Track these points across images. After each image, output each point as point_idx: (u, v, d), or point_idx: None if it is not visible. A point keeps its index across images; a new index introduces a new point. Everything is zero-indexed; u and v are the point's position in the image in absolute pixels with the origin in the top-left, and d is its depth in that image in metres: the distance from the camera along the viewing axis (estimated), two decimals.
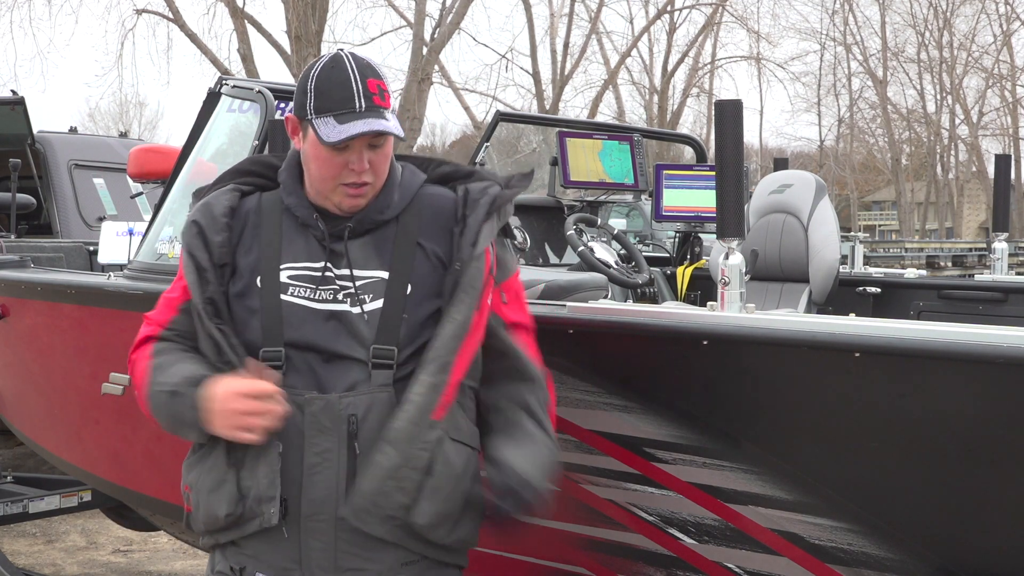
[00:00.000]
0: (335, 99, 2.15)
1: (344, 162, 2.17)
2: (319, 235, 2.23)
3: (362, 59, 2.21)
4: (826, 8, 39.82)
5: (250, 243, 2.25)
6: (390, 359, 2.16)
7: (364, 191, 2.20)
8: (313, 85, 2.18)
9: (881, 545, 2.42)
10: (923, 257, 23.82)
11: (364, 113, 2.15)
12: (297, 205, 2.25)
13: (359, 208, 2.22)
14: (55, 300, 4.58)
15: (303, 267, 2.21)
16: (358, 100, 2.15)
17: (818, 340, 2.34)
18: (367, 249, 2.22)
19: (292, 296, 2.19)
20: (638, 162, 5.12)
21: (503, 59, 29.41)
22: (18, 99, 7.93)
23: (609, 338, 2.68)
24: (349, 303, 2.18)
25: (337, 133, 2.13)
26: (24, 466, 6.80)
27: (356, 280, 2.19)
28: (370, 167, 2.19)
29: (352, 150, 2.16)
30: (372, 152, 2.19)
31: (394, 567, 2.17)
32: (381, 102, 2.17)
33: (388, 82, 2.23)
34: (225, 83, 4.10)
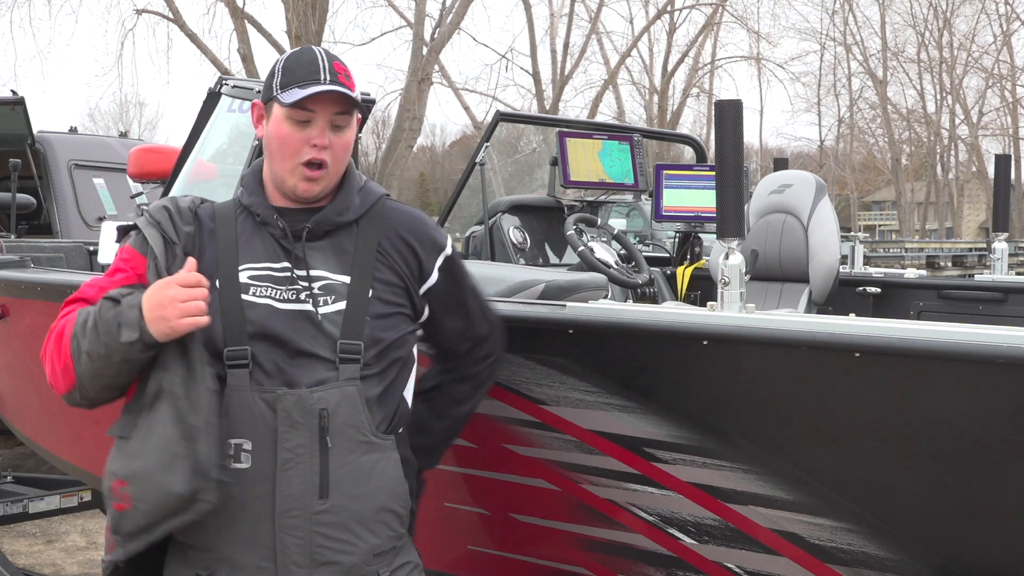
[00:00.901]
0: (301, 73, 2.22)
1: (306, 138, 2.21)
2: (277, 233, 2.25)
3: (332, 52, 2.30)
4: (826, 8, 39.88)
5: (204, 246, 2.28)
6: (356, 353, 2.19)
7: (320, 175, 2.23)
8: (280, 66, 2.26)
9: (881, 545, 2.42)
10: (923, 257, 23.84)
11: (329, 82, 2.20)
12: (258, 204, 2.29)
13: (313, 194, 2.25)
14: (55, 300, 4.58)
15: (263, 267, 2.24)
16: (323, 73, 2.21)
17: (818, 340, 2.34)
18: (326, 252, 2.26)
19: (254, 296, 2.21)
20: (638, 162, 5.12)
21: (503, 59, 29.49)
22: (18, 99, 7.93)
23: (609, 338, 2.68)
24: (311, 303, 2.21)
25: (297, 94, 2.18)
26: (24, 466, 6.80)
27: (314, 281, 2.22)
28: (330, 149, 2.22)
29: (314, 124, 2.21)
30: (334, 133, 2.23)
31: (367, 558, 2.21)
32: (346, 80, 2.23)
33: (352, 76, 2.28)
34: (225, 83, 4.10)
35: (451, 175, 36.47)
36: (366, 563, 2.21)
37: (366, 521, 2.21)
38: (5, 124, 7.91)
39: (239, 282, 2.21)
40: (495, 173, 6.19)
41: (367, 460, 2.21)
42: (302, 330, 2.19)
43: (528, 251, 4.96)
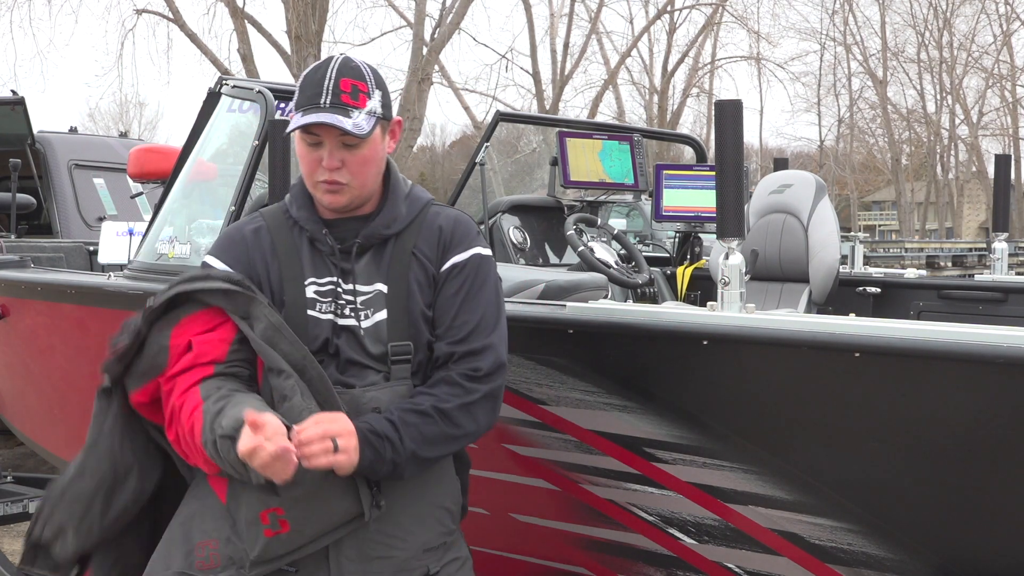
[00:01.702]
0: (306, 95, 2.21)
1: (318, 158, 2.22)
2: (326, 250, 2.28)
3: (352, 62, 2.26)
4: (826, 8, 39.85)
5: (268, 265, 2.29)
6: (407, 354, 2.23)
7: (340, 189, 2.24)
8: (298, 85, 2.26)
9: (881, 545, 2.42)
10: (923, 257, 23.82)
11: (326, 108, 2.19)
12: (306, 219, 2.30)
13: (339, 205, 2.26)
14: (55, 300, 4.58)
15: (327, 283, 2.27)
16: (324, 96, 2.19)
17: (818, 340, 2.34)
18: (369, 265, 2.29)
19: (319, 312, 2.24)
20: (638, 162, 5.12)
21: (503, 59, 29.48)
22: (18, 99, 7.93)
23: (609, 338, 2.68)
24: (354, 318, 2.25)
25: (294, 124, 2.20)
26: (24, 466, 6.79)
27: (359, 295, 2.25)
28: (345, 167, 2.22)
29: (323, 147, 2.22)
30: (346, 152, 2.22)
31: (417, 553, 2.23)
32: (350, 100, 2.20)
33: (372, 85, 2.24)
34: (225, 83, 4.10)
35: (451, 175, 36.46)
36: (416, 558, 2.23)
37: (418, 517, 2.24)
38: (5, 124, 7.91)
39: (305, 297, 2.25)
40: (495, 173, 6.19)
41: None
42: (351, 344, 2.23)
43: (528, 251, 4.96)
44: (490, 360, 2.24)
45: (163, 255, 4.09)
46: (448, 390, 2.20)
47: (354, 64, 2.25)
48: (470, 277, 2.29)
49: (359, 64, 2.26)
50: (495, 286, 2.34)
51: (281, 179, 3.40)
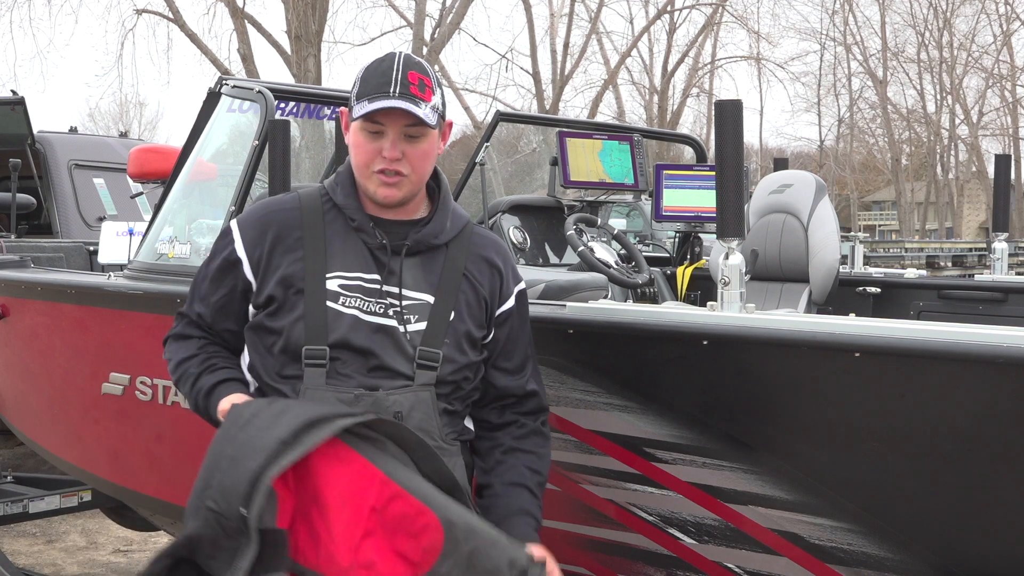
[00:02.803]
0: (373, 84, 2.21)
1: (378, 148, 2.22)
2: (373, 244, 2.26)
3: (415, 58, 2.28)
4: (826, 8, 39.85)
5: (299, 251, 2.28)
6: (435, 361, 2.23)
7: (397, 181, 2.23)
8: (360, 75, 2.26)
9: (881, 545, 2.42)
10: (923, 257, 23.80)
11: (395, 96, 2.19)
12: (353, 208, 2.29)
13: (395, 199, 2.25)
14: (55, 300, 4.58)
15: (355, 277, 2.25)
16: (393, 85, 2.20)
17: (818, 340, 2.34)
18: (416, 271, 2.28)
19: (342, 306, 2.23)
20: (638, 162, 5.11)
21: (503, 59, 29.43)
22: (18, 99, 7.92)
23: (609, 338, 2.68)
24: (396, 320, 2.24)
25: (363, 109, 2.19)
26: (24, 466, 6.79)
27: (404, 299, 2.25)
28: (405, 159, 2.22)
29: (386, 137, 2.21)
30: (408, 144, 2.22)
31: None
32: (419, 92, 2.22)
33: (435, 83, 2.27)
34: (225, 83, 4.10)
35: (451, 175, 36.40)
36: None
37: None
38: (5, 124, 7.90)
39: (327, 289, 2.23)
40: (495, 173, 6.19)
41: None
42: (384, 344, 2.22)
43: (528, 251, 4.96)
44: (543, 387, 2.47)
45: (163, 255, 4.09)
46: (540, 442, 2.41)
47: (418, 60, 2.28)
48: (524, 309, 2.42)
49: (422, 61, 2.29)
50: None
51: (281, 179, 3.40)
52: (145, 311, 3.98)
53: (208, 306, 2.36)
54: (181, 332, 2.41)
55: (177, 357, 2.38)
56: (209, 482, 2.00)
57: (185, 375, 2.35)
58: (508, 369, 2.37)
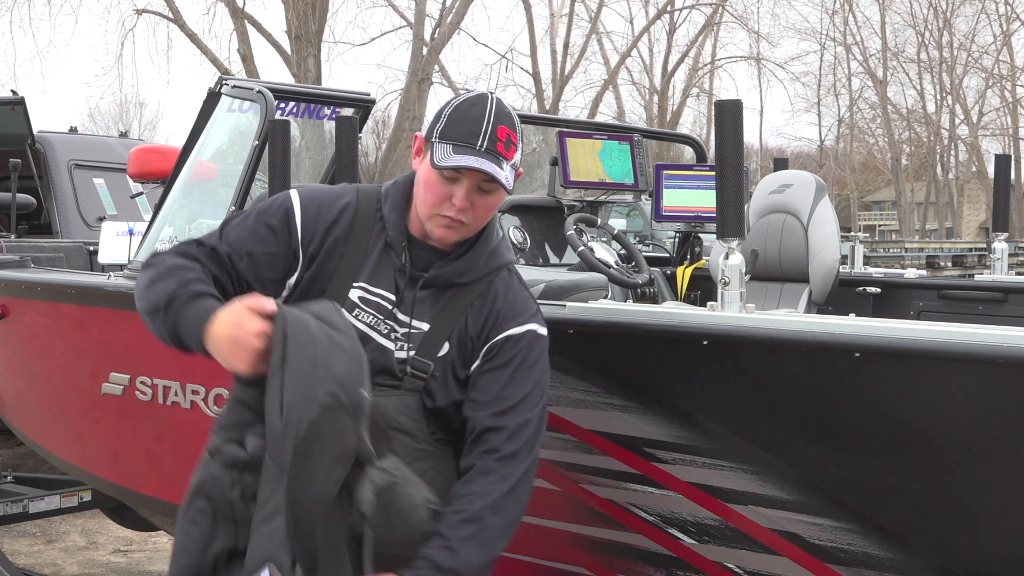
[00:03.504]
0: (461, 131, 2.17)
1: (449, 193, 2.18)
2: (399, 266, 2.25)
3: (506, 107, 2.23)
4: (826, 8, 39.85)
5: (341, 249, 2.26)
6: (424, 371, 2.23)
7: (457, 227, 2.22)
8: (448, 112, 2.21)
9: (881, 545, 2.42)
10: (923, 257, 23.79)
11: (482, 152, 2.16)
12: (393, 224, 2.27)
13: (449, 241, 2.24)
14: (55, 300, 4.58)
15: (379, 294, 2.25)
16: (482, 139, 2.16)
17: (818, 340, 2.34)
18: (425, 302, 2.26)
19: (356, 319, 2.23)
20: (638, 162, 5.11)
21: (503, 59, 29.42)
22: (18, 99, 7.92)
23: (609, 338, 2.68)
24: (395, 346, 2.24)
25: (447, 159, 2.15)
26: (24, 466, 6.79)
27: (411, 328, 2.25)
28: (472, 209, 2.20)
29: (460, 185, 2.18)
30: (480, 196, 2.20)
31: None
32: (504, 150, 2.18)
33: (520, 137, 2.23)
34: (225, 83, 4.10)
35: None
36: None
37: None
38: (5, 124, 7.89)
39: (348, 298, 2.23)
40: None
41: (420, 466, 2.22)
42: (377, 364, 2.21)
43: (528, 251, 4.96)
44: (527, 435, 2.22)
45: None
46: (487, 481, 2.17)
47: (508, 111, 2.22)
48: (523, 352, 2.26)
49: (512, 112, 2.23)
50: (546, 369, 2.31)
51: (281, 179, 3.40)
52: None
53: (235, 246, 2.26)
54: (184, 251, 2.26)
55: (170, 263, 2.22)
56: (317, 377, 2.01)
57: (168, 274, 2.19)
58: (480, 401, 2.24)
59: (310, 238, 2.26)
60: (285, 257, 2.26)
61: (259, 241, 2.26)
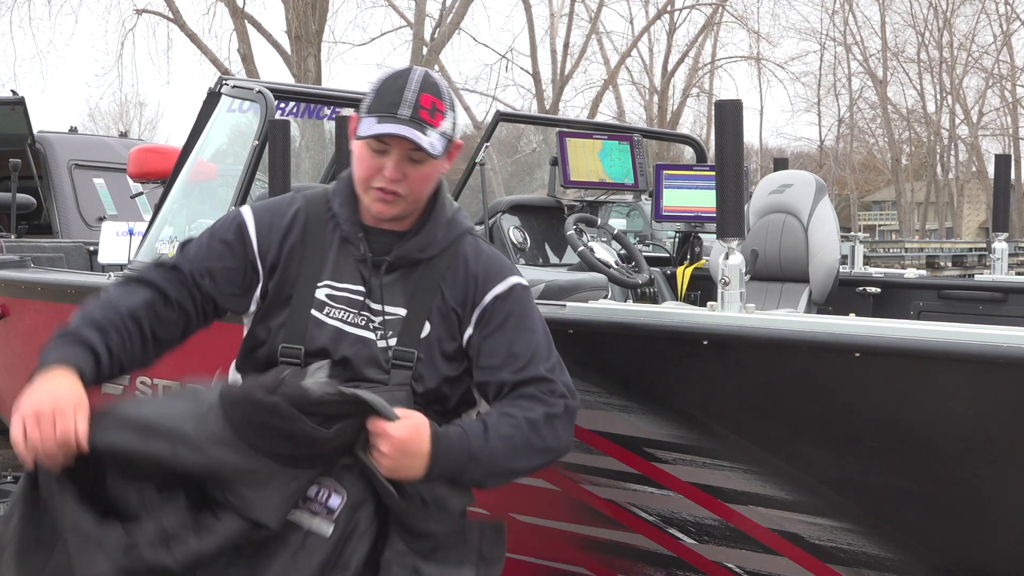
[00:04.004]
0: (383, 101, 2.18)
1: (380, 166, 2.19)
2: (357, 256, 2.26)
3: (432, 77, 2.24)
4: (826, 8, 39.81)
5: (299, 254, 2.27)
6: (409, 361, 2.21)
7: (393, 200, 2.22)
8: (374, 87, 2.23)
9: (881, 545, 2.42)
10: (923, 257, 23.80)
11: (404, 120, 2.16)
12: (346, 218, 2.28)
13: (389, 215, 2.24)
14: (55, 300, 4.58)
15: (344, 288, 2.25)
16: (403, 106, 2.17)
17: (818, 340, 2.34)
18: (395, 286, 2.26)
19: (326, 316, 2.23)
20: (638, 162, 5.11)
21: (503, 59, 29.42)
22: (18, 99, 7.92)
23: (609, 338, 2.68)
24: (376, 335, 2.23)
25: (370, 129, 2.16)
26: None
27: (386, 315, 2.24)
28: (405, 180, 2.20)
29: (389, 156, 2.18)
30: (410, 166, 2.20)
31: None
32: (428, 117, 2.18)
33: (448, 105, 2.23)
34: (225, 83, 4.10)
35: (451, 175, 36.39)
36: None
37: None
38: (5, 124, 7.90)
39: (314, 298, 2.24)
40: (495, 173, 6.19)
41: None
42: (361, 356, 2.21)
43: (528, 251, 4.96)
44: (562, 380, 2.23)
45: (163, 255, 4.09)
46: (529, 404, 2.17)
47: (434, 80, 2.23)
48: (515, 307, 2.27)
49: (439, 82, 2.24)
50: (541, 317, 2.31)
51: (281, 179, 3.40)
52: None
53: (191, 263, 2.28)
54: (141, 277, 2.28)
55: (112, 293, 2.25)
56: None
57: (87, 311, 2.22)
58: (493, 366, 2.24)
59: (266, 248, 2.28)
60: (243, 270, 2.29)
61: (216, 257, 2.29)
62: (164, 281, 2.27)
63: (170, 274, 2.28)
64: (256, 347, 2.27)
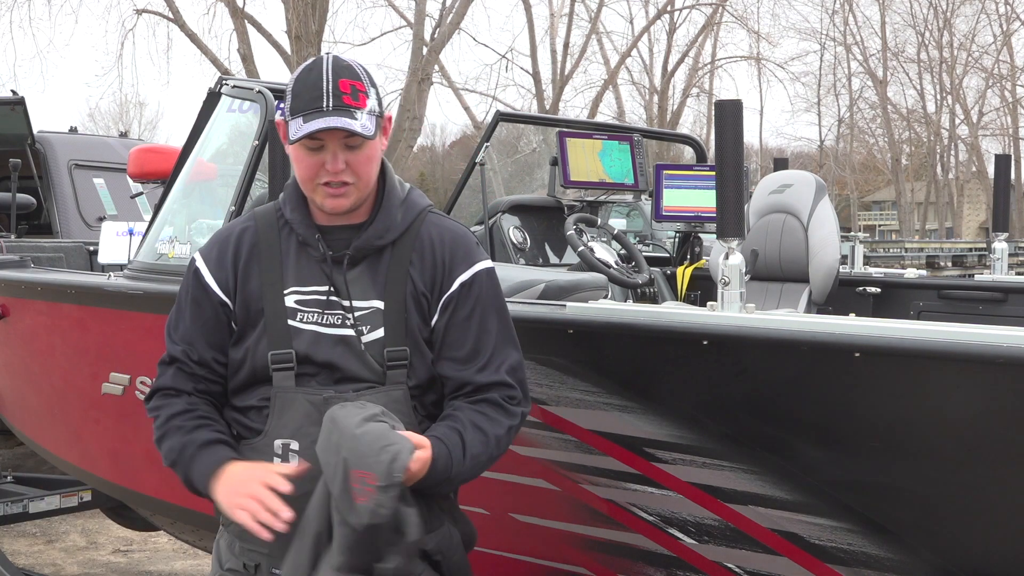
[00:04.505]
0: (304, 100, 2.16)
1: (320, 162, 2.18)
2: (317, 256, 2.24)
3: (343, 61, 2.21)
4: (826, 8, 39.84)
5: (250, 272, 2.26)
6: (403, 359, 2.21)
7: (344, 191, 2.20)
8: (290, 88, 2.20)
9: (881, 545, 2.42)
10: (923, 257, 23.81)
11: (330, 111, 2.14)
12: (299, 222, 2.27)
13: (343, 208, 2.22)
14: (55, 300, 4.58)
15: (311, 291, 2.24)
16: (326, 99, 2.15)
17: (818, 340, 2.34)
18: (363, 278, 2.24)
19: (301, 322, 2.22)
20: (638, 162, 5.11)
21: (503, 59, 29.41)
22: (18, 99, 7.91)
23: (609, 338, 2.68)
24: (353, 331, 2.22)
25: (300, 131, 2.14)
26: (24, 466, 6.80)
27: (355, 311, 2.22)
28: (348, 168, 2.19)
29: (327, 150, 2.17)
30: (349, 153, 2.18)
31: None
32: (352, 101, 2.16)
33: (368, 83, 2.21)
34: (225, 83, 4.10)
35: (451, 175, 36.45)
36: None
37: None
38: (5, 124, 7.89)
39: (285, 306, 2.22)
40: (495, 173, 6.19)
41: None
42: (345, 355, 2.21)
43: (528, 251, 4.96)
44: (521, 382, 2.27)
45: (163, 255, 4.09)
46: (496, 415, 2.21)
47: (346, 63, 2.20)
48: (481, 295, 2.26)
49: (351, 63, 2.22)
50: (502, 297, 2.32)
51: (281, 179, 3.40)
52: (145, 311, 3.98)
53: (187, 339, 2.29)
54: (169, 385, 2.30)
55: (166, 412, 2.28)
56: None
57: (172, 429, 2.26)
58: (457, 358, 2.24)
59: (224, 280, 2.27)
60: (217, 314, 2.28)
61: (196, 319, 2.29)
62: (181, 380, 2.29)
63: (179, 371, 2.29)
64: (237, 370, 2.26)
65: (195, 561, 6.02)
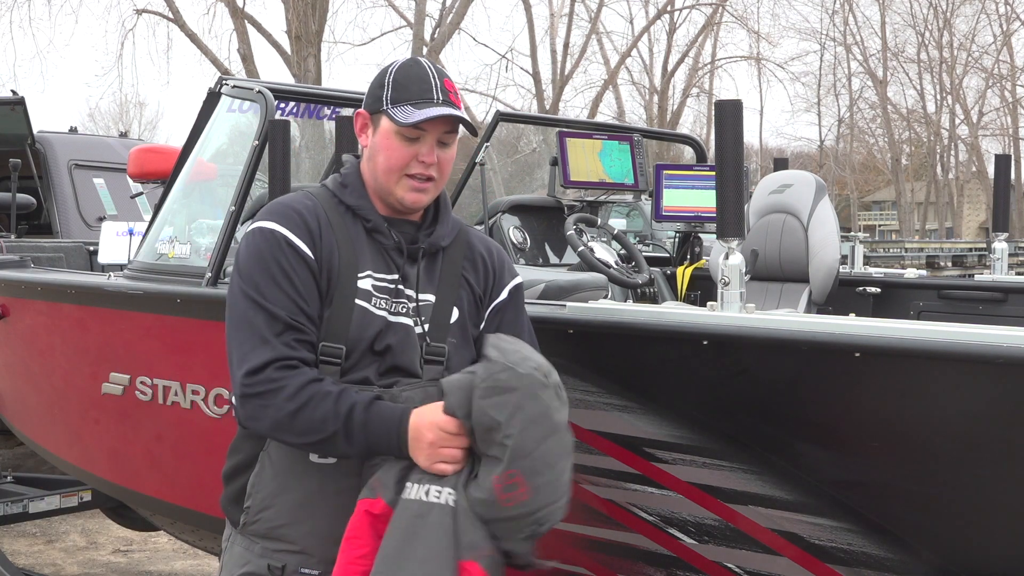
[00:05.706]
0: (413, 90, 2.23)
1: (414, 153, 2.23)
2: (389, 245, 2.27)
3: (438, 65, 2.33)
4: (826, 8, 39.85)
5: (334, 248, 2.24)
6: (441, 355, 2.26)
7: (428, 187, 2.26)
8: (391, 79, 2.26)
9: (881, 545, 2.42)
10: (923, 257, 23.79)
11: (441, 103, 2.23)
12: (367, 210, 2.28)
13: (421, 204, 2.28)
14: (55, 300, 4.58)
15: (383, 278, 2.26)
16: (436, 92, 2.23)
17: (818, 340, 2.34)
18: (424, 272, 2.30)
19: (375, 307, 2.23)
20: (638, 162, 5.11)
21: (503, 59, 29.44)
22: (18, 99, 7.91)
23: (609, 338, 2.68)
24: (413, 321, 2.26)
25: (413, 116, 2.19)
26: (24, 466, 6.79)
27: (420, 301, 2.27)
28: (436, 164, 2.26)
29: (423, 142, 2.23)
30: (441, 149, 2.26)
31: None
32: (456, 100, 2.27)
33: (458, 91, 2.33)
34: (225, 83, 4.10)
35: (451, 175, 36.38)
36: None
37: None
38: (5, 124, 7.89)
39: (359, 288, 2.22)
40: (495, 173, 6.19)
41: None
42: (404, 345, 2.24)
43: (528, 251, 4.96)
44: None
45: (163, 255, 4.08)
46: None
47: (442, 68, 2.32)
48: (521, 304, 2.44)
49: (444, 69, 2.33)
50: None
51: (281, 179, 3.40)
52: (145, 311, 3.98)
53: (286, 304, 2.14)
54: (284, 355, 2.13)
55: (295, 383, 2.11)
56: None
57: (317, 397, 2.11)
58: None
59: (313, 246, 2.20)
60: (314, 276, 2.20)
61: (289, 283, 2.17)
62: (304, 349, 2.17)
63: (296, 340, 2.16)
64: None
65: (195, 561, 6.02)
